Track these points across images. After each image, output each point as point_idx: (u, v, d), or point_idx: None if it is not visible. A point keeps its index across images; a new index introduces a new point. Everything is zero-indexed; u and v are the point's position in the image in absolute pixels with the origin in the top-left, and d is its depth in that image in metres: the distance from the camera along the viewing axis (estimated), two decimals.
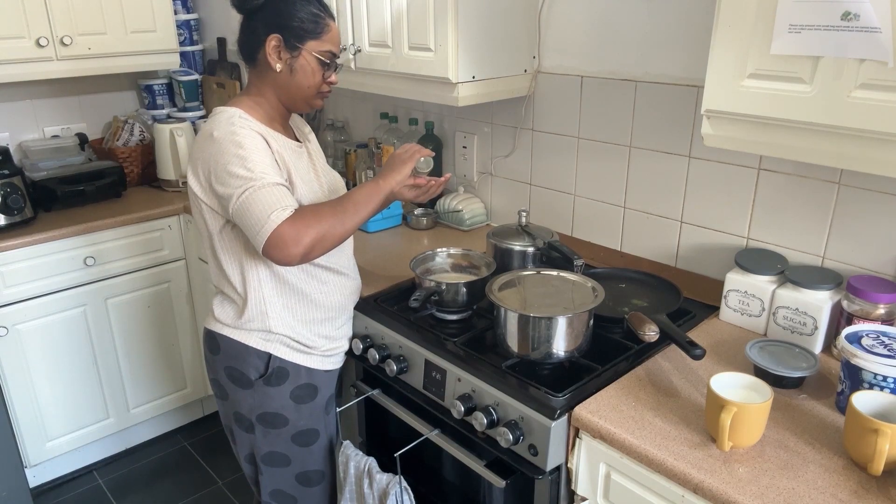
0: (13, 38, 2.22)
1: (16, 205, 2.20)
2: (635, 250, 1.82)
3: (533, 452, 1.25)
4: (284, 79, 1.40)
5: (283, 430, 1.51)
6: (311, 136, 1.62)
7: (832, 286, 1.37)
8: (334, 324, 1.55)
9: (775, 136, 1.16)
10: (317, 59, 1.38)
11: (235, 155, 1.29)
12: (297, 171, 1.41)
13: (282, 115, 1.46)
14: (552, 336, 1.33)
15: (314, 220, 1.28)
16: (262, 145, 1.33)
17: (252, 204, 1.26)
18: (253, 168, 1.28)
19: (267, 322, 1.45)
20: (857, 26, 1.00)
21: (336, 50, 1.41)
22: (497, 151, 2.12)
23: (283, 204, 1.27)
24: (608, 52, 1.74)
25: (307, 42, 1.37)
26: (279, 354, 1.47)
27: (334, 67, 1.43)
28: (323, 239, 1.29)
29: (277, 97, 1.43)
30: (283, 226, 1.25)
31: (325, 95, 1.45)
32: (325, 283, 1.50)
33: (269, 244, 1.26)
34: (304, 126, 1.63)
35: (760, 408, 1.08)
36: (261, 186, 1.27)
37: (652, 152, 1.71)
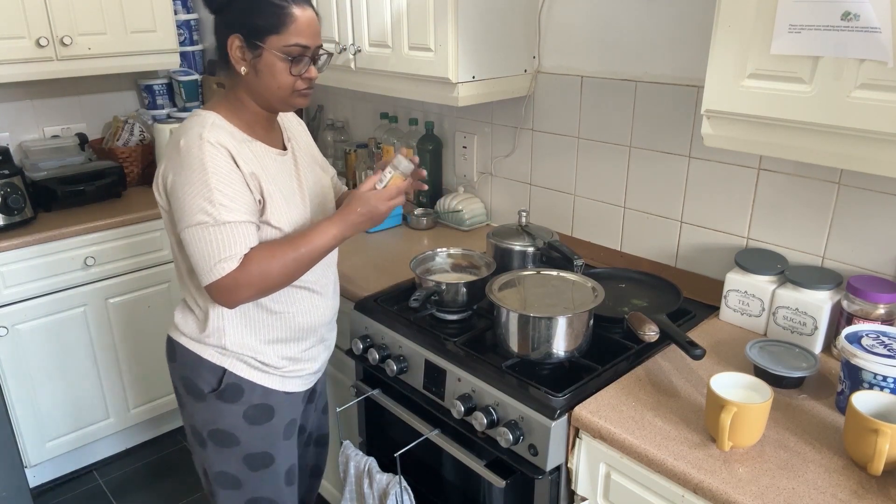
0: (13, 38, 2.22)
1: (16, 205, 2.20)
2: (635, 250, 1.82)
3: (533, 452, 1.25)
4: (251, 81, 1.28)
5: (234, 449, 1.40)
6: (299, 133, 1.51)
7: (832, 286, 1.37)
8: (301, 345, 1.44)
9: (775, 136, 1.16)
10: (281, 56, 1.24)
11: (198, 179, 1.20)
12: (277, 184, 1.32)
13: (263, 118, 1.35)
14: (552, 336, 1.33)
15: (263, 271, 1.22)
16: (227, 167, 1.22)
17: (201, 242, 1.20)
18: (212, 198, 1.19)
19: (223, 339, 1.35)
20: (857, 26, 1.00)
21: (307, 41, 1.26)
22: (497, 151, 2.12)
23: (231, 252, 1.19)
24: (608, 52, 1.74)
25: (267, 38, 1.24)
26: (234, 370, 1.37)
27: (307, 62, 1.28)
28: (271, 288, 1.26)
29: (253, 100, 1.32)
30: (227, 279, 1.20)
31: (305, 94, 1.31)
32: (296, 302, 1.40)
33: (212, 290, 1.22)
34: (293, 121, 1.53)
35: (760, 408, 1.08)
36: (216, 224, 1.19)
37: (652, 152, 1.71)
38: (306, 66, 1.28)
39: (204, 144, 1.22)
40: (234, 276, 1.20)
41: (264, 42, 1.24)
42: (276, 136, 1.40)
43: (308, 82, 1.30)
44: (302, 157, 1.44)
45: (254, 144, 1.31)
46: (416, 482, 1.54)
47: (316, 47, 1.28)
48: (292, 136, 1.46)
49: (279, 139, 1.41)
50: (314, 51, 1.28)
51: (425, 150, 2.27)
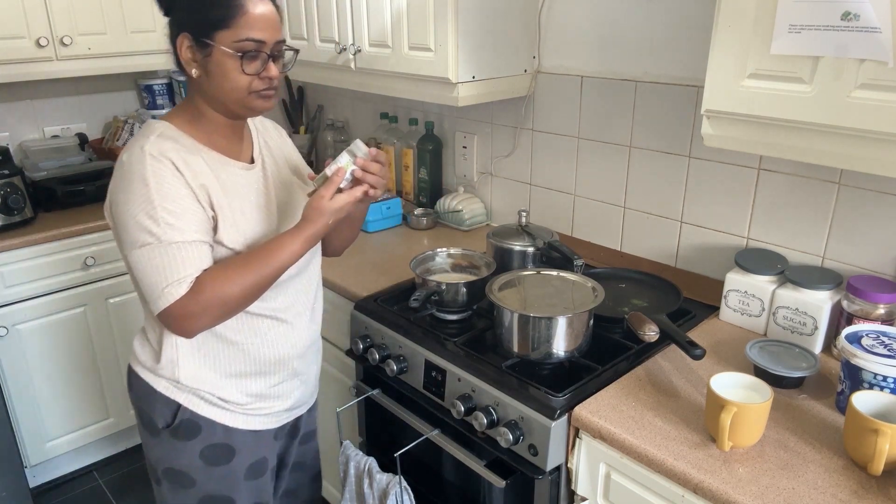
0: (13, 38, 2.22)
1: (16, 205, 2.20)
2: (635, 250, 1.82)
3: (533, 452, 1.25)
4: (204, 84, 1.16)
5: (190, 491, 1.29)
6: (277, 144, 1.38)
7: (832, 286, 1.37)
8: (267, 380, 1.30)
9: (775, 136, 1.16)
10: (231, 53, 1.12)
11: (140, 196, 1.09)
12: (237, 199, 1.21)
13: (225, 126, 1.22)
14: (552, 336, 1.33)
15: (218, 295, 1.10)
16: (172, 181, 1.11)
17: (147, 266, 1.09)
18: (156, 216, 1.09)
19: (176, 371, 1.23)
20: (857, 26, 1.00)
21: (261, 35, 1.13)
22: (497, 151, 2.12)
23: (179, 275, 1.09)
24: (608, 52, 1.74)
25: (216, 34, 1.11)
26: (189, 405, 1.25)
27: (264, 58, 1.14)
28: (231, 312, 1.15)
29: (210, 106, 1.19)
30: (178, 305, 1.09)
31: (265, 95, 1.17)
32: (259, 332, 1.26)
33: (164, 319, 1.11)
34: (271, 130, 1.40)
35: (760, 408, 1.08)
36: (161, 244, 1.08)
37: (652, 152, 1.71)
38: (263, 64, 1.15)
39: (145, 157, 1.11)
40: (184, 302, 1.09)
41: (213, 38, 1.12)
42: (242, 147, 1.28)
43: (268, 82, 1.16)
44: (276, 169, 1.32)
45: (210, 155, 1.20)
46: (416, 482, 1.54)
47: (276, 42, 1.15)
48: (267, 147, 1.34)
49: (247, 150, 1.29)
50: (273, 46, 1.15)
51: (425, 150, 2.27)
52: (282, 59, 1.20)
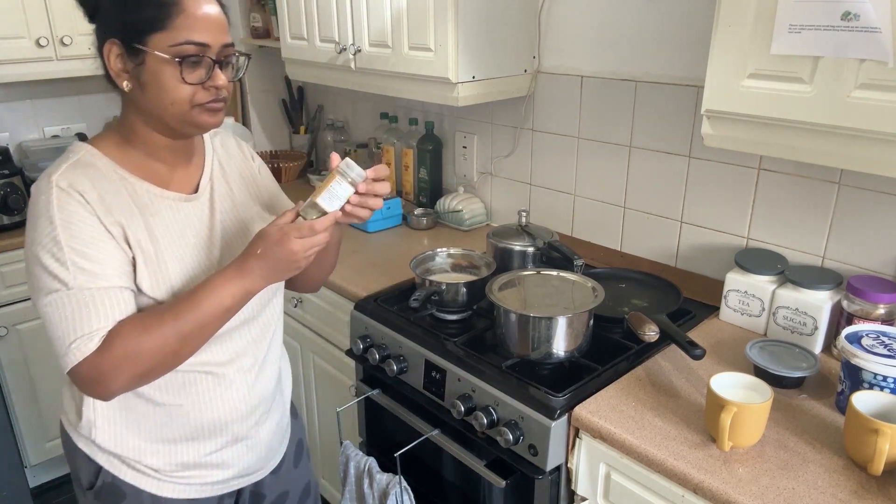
0: (13, 38, 2.22)
1: (16, 205, 2.20)
2: (635, 250, 1.82)
3: (533, 452, 1.25)
4: (139, 98, 1.00)
5: None
6: (238, 167, 1.20)
7: (832, 286, 1.37)
8: (202, 447, 1.12)
9: (775, 136, 1.16)
10: (168, 59, 0.95)
11: (45, 235, 0.94)
12: (169, 237, 1.04)
13: (165, 148, 1.06)
14: (552, 336, 1.33)
15: (132, 352, 0.94)
16: (82, 218, 0.96)
17: (54, 317, 0.94)
18: (63, 258, 0.93)
19: (93, 433, 1.08)
20: (857, 26, 1.00)
21: (203, 37, 0.97)
22: (497, 151, 2.12)
23: (89, 328, 0.93)
24: (608, 52, 1.74)
25: (150, 38, 0.95)
26: (111, 469, 1.09)
27: (209, 65, 0.98)
28: (150, 372, 0.97)
29: (146, 124, 1.03)
30: (86, 364, 0.92)
31: (212, 108, 1.01)
32: (191, 392, 1.08)
33: (73, 378, 0.95)
34: (233, 151, 1.22)
35: (760, 408, 1.08)
36: (69, 292, 0.93)
37: (652, 152, 1.71)
38: (209, 72, 0.98)
39: (52, 190, 0.96)
40: (93, 360, 0.92)
41: (146, 43, 0.95)
42: (187, 172, 1.11)
43: (214, 93, 1.00)
44: (230, 202, 1.14)
45: (137, 185, 1.03)
46: (416, 482, 1.54)
47: (222, 46, 1.00)
48: (221, 173, 1.16)
49: (193, 176, 1.12)
50: (219, 51, 0.99)
51: (425, 150, 2.27)
52: (231, 66, 1.04)
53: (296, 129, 2.88)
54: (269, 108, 2.89)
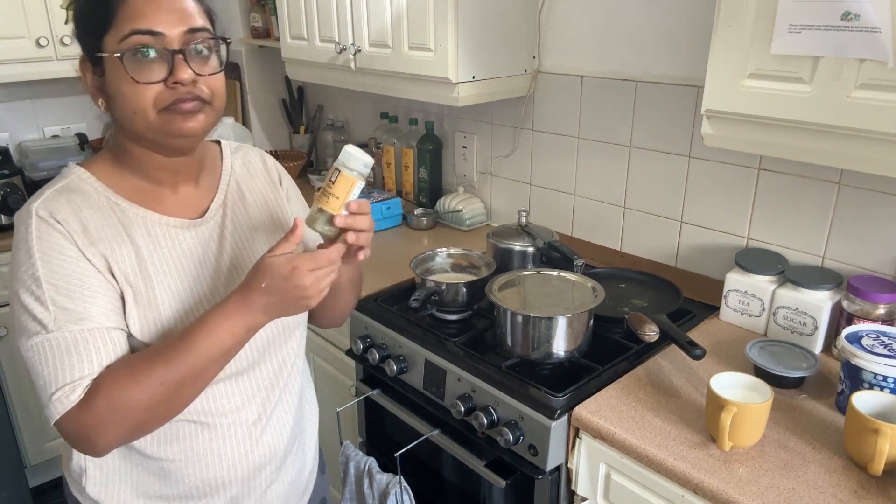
0: (13, 38, 2.22)
1: (16, 205, 2.20)
2: (635, 250, 1.82)
3: (533, 452, 1.25)
4: (114, 115, 0.90)
5: None
6: (259, 189, 1.07)
7: (832, 286, 1.37)
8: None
9: (775, 136, 1.16)
10: (118, 59, 0.84)
11: (25, 271, 0.85)
12: (166, 270, 0.92)
13: (162, 168, 0.94)
14: (552, 336, 1.33)
15: (119, 404, 0.82)
16: (64, 251, 0.85)
17: (35, 363, 0.84)
18: (44, 297, 0.83)
19: (84, 481, 0.99)
20: (857, 26, 1.00)
21: (152, 23, 0.83)
22: (497, 151, 2.12)
23: (72, 377, 0.82)
24: (608, 52, 1.74)
25: (104, 42, 0.85)
26: None
27: (166, 56, 0.84)
28: (142, 426, 0.86)
29: (134, 143, 0.92)
30: (68, 419, 0.83)
31: (186, 111, 0.87)
32: (188, 446, 0.96)
33: (59, 432, 0.86)
34: (256, 168, 1.09)
35: (760, 408, 1.08)
36: (49, 335, 0.83)
37: (652, 152, 1.71)
38: (166, 65, 0.84)
39: (31, 220, 0.86)
40: (76, 415, 0.82)
41: (102, 48, 0.85)
42: (195, 194, 0.99)
43: (181, 91, 0.86)
44: (246, 230, 1.02)
45: (129, 211, 0.92)
46: (416, 482, 1.54)
47: (184, 33, 0.85)
48: (238, 195, 1.04)
49: (203, 198, 1.00)
50: (182, 38, 0.85)
51: (425, 150, 2.27)
52: (204, 55, 0.88)
53: (296, 129, 2.88)
54: (269, 108, 2.89)
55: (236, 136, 2.45)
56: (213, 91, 0.89)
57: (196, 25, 0.87)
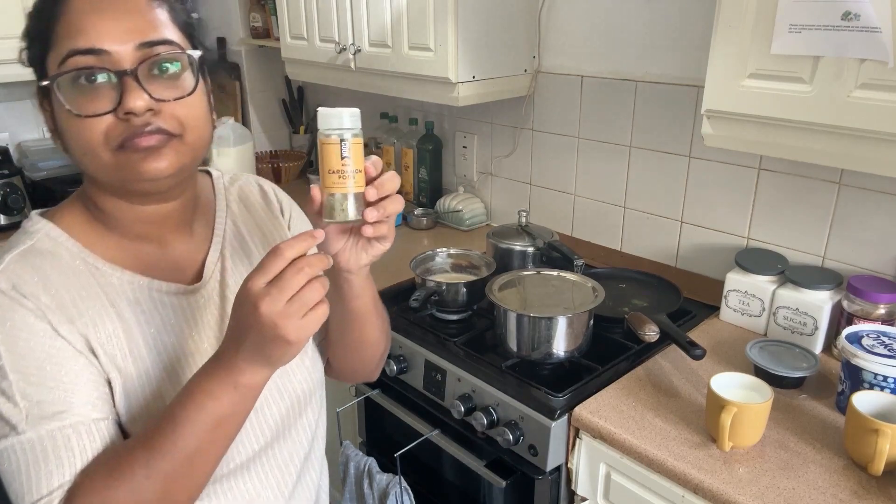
0: (13, 38, 2.21)
1: (16, 205, 2.20)
2: (635, 250, 1.82)
3: (533, 452, 1.25)
4: (68, 155, 0.75)
5: None
6: (265, 230, 0.91)
7: (832, 286, 1.37)
8: None
9: (775, 135, 1.16)
10: (56, 86, 0.69)
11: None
12: (159, 346, 0.76)
13: (140, 220, 0.77)
14: (552, 336, 1.33)
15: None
16: (35, 331, 0.69)
17: (6, 472, 0.69)
18: (11, 390, 0.68)
19: None
20: (858, 26, 1.00)
21: (93, 40, 0.67)
22: (497, 151, 2.12)
23: (47, 488, 0.67)
24: (608, 52, 1.74)
25: (46, 63, 0.72)
26: None
27: (110, 80, 0.68)
28: None
29: (103, 190, 0.76)
30: None
31: (143, 147, 0.68)
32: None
33: None
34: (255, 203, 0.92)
35: (761, 408, 1.08)
36: (20, 436, 0.68)
37: (652, 152, 1.71)
38: (117, 93, 0.67)
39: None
40: None
41: (47, 70, 0.71)
42: (185, 250, 0.82)
43: (135, 123, 0.68)
44: None
45: (112, 277, 0.75)
46: (416, 482, 1.54)
47: (137, 47, 0.68)
48: (239, 242, 0.87)
49: (195, 253, 0.83)
50: (134, 56, 0.67)
51: (425, 150, 2.27)
52: (174, 74, 0.70)
53: (296, 129, 2.87)
54: (269, 108, 2.88)
55: (236, 136, 2.45)
56: (182, 120, 0.71)
57: (153, 38, 0.69)
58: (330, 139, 0.71)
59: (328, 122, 0.72)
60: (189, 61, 0.73)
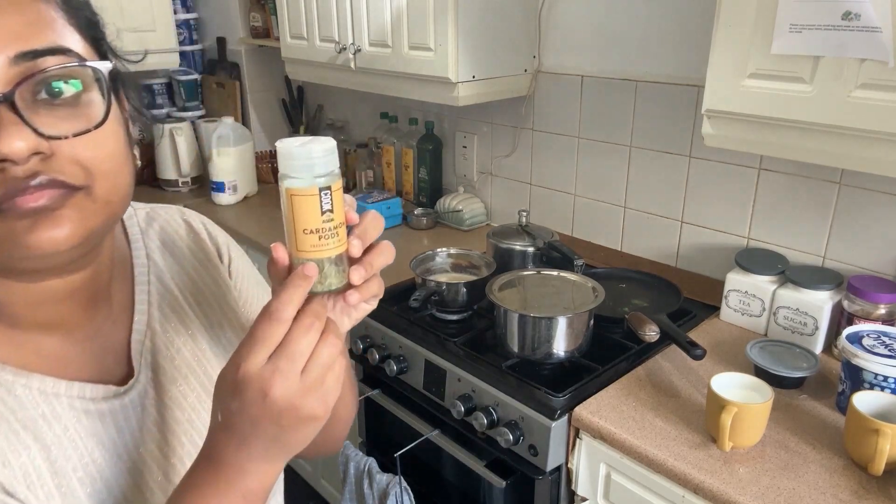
0: None
1: None
2: (636, 250, 1.82)
3: (533, 453, 1.25)
4: None
5: None
6: (194, 280, 0.71)
7: (833, 286, 1.37)
8: None
9: (776, 135, 1.16)
10: None
11: None
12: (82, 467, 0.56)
13: (35, 304, 0.56)
14: (552, 336, 1.33)
15: None
16: None
17: None
18: None
19: None
20: (858, 26, 1.00)
21: None
22: (497, 151, 2.12)
23: None
24: (609, 51, 1.74)
25: None
26: None
27: None
28: None
29: None
30: None
31: (21, 210, 0.47)
32: None
33: None
34: (181, 251, 0.72)
35: (761, 408, 1.08)
36: None
37: (652, 152, 1.71)
38: None
39: None
40: None
41: None
42: (99, 338, 0.61)
43: (17, 171, 0.47)
44: (190, 356, 0.67)
45: (16, 386, 0.55)
46: (416, 483, 1.54)
47: (9, 62, 0.46)
48: (169, 304, 0.67)
49: (114, 338, 0.63)
50: (7, 75, 0.46)
51: (425, 150, 2.27)
52: (73, 97, 0.50)
53: (296, 128, 2.87)
54: (269, 108, 2.88)
55: (236, 135, 2.45)
56: (87, 165, 0.49)
57: (37, 46, 0.47)
58: (305, 190, 0.52)
59: (298, 166, 0.53)
60: (95, 77, 0.51)
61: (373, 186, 2.45)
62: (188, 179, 2.65)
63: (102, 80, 0.52)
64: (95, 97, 0.52)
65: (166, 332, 0.66)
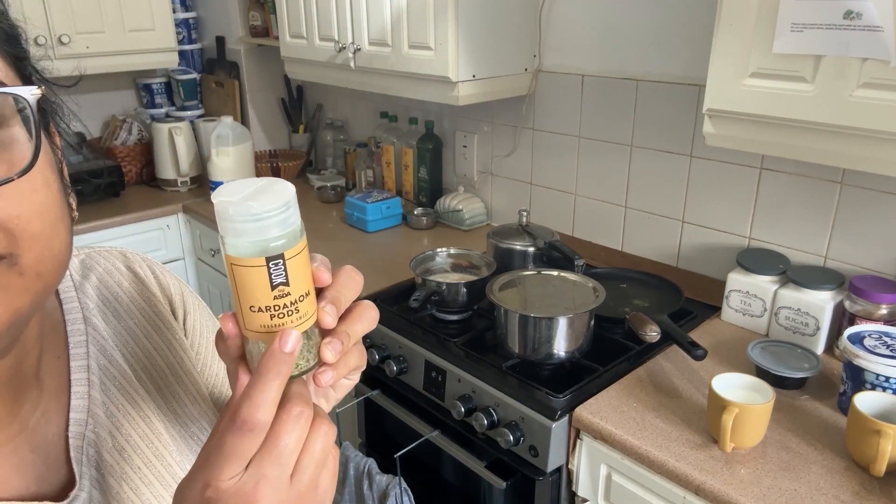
0: None
1: None
2: (636, 250, 1.81)
3: (533, 453, 1.25)
4: None
5: None
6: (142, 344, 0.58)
7: (834, 286, 1.37)
8: None
9: (777, 135, 1.16)
10: None
11: None
12: None
13: None
14: (553, 336, 1.32)
15: None
16: None
17: None
18: None
19: None
20: (860, 25, 1.00)
21: None
22: (497, 151, 2.11)
23: None
24: (609, 50, 1.73)
25: None
26: None
27: None
28: None
29: None
30: None
31: None
32: None
33: None
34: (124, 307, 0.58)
35: (762, 409, 1.07)
36: None
37: (653, 151, 1.71)
38: None
39: None
40: None
41: None
42: (26, 434, 0.49)
43: None
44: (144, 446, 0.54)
45: None
46: (416, 483, 1.54)
47: None
48: (115, 382, 0.55)
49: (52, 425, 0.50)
50: None
51: (425, 150, 2.26)
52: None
53: (295, 128, 2.87)
54: (268, 107, 2.88)
55: (235, 135, 2.44)
56: (10, 225, 0.38)
57: None
58: (247, 261, 0.39)
59: (239, 229, 0.39)
60: (18, 108, 0.40)
61: (372, 186, 2.44)
62: (187, 179, 2.64)
63: (28, 113, 0.39)
64: (18, 134, 0.39)
65: (112, 417, 0.52)
